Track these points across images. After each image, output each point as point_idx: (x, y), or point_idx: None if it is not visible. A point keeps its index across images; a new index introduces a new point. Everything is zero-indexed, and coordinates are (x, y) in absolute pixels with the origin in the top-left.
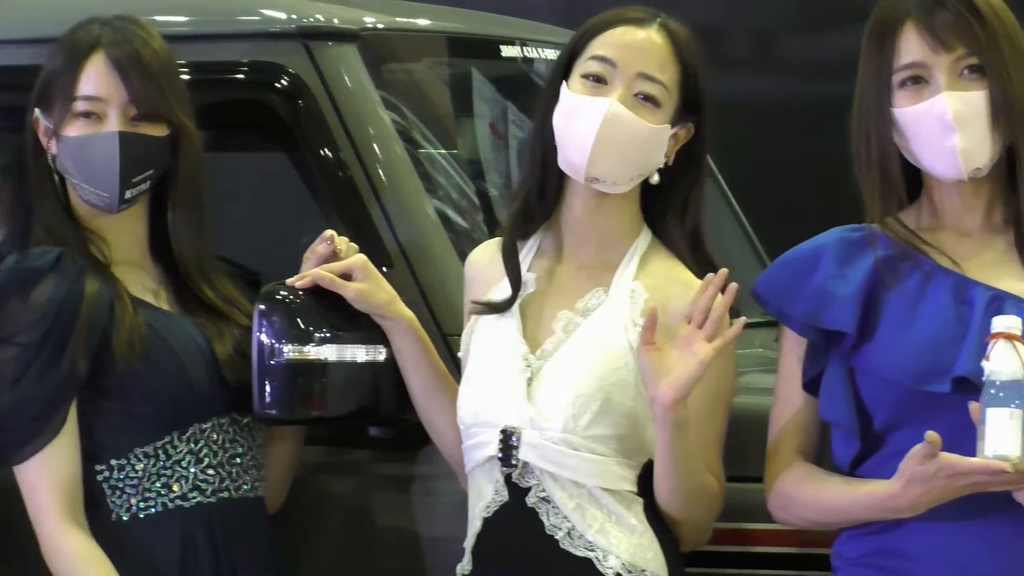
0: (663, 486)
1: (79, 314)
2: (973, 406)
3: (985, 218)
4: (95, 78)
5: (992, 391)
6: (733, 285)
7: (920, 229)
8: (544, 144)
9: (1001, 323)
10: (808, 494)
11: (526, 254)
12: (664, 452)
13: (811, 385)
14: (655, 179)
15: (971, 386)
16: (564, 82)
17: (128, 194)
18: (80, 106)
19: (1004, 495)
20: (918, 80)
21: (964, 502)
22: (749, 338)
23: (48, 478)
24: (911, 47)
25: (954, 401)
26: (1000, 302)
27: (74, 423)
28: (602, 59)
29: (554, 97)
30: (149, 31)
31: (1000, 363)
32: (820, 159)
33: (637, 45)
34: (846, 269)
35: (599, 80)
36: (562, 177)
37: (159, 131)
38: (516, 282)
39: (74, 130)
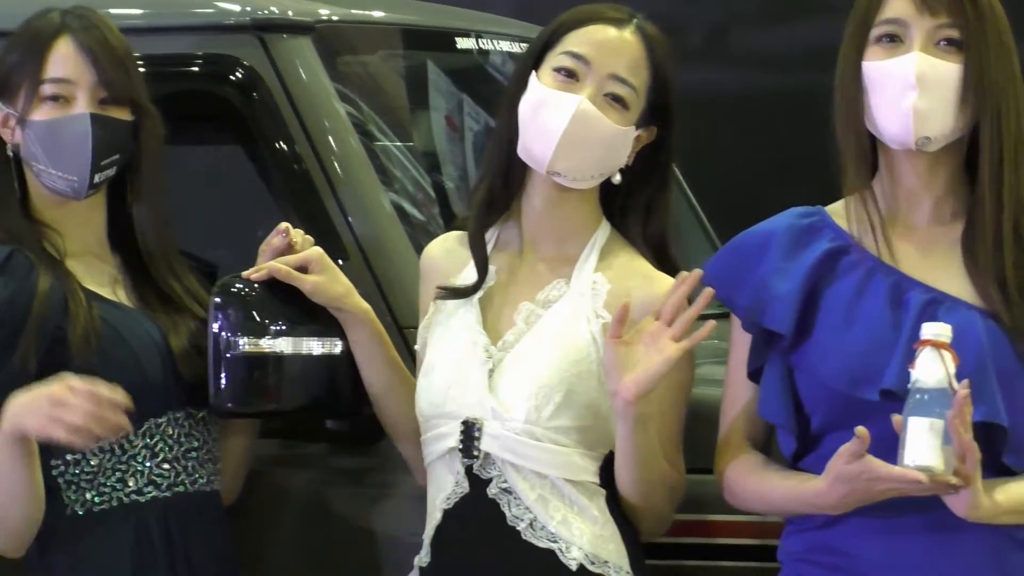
0: (624, 477)
1: (29, 314)
2: (896, 418)
3: (935, 208)
4: (63, 61)
5: (916, 399)
6: (708, 291)
7: (873, 215)
8: (511, 132)
9: (929, 330)
10: (751, 486)
11: (490, 239)
12: (625, 445)
13: (756, 375)
14: (617, 179)
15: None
16: (534, 72)
17: (97, 178)
18: (48, 89)
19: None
20: (894, 38)
21: (898, 500)
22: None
23: None
24: (898, 3)
25: (886, 408)
26: (936, 306)
27: None
28: (576, 56)
29: (523, 86)
30: (107, 19)
31: (925, 371)
32: (775, 150)
33: (612, 45)
34: (790, 262)
35: (571, 75)
36: (525, 167)
37: (125, 115)
38: (483, 267)
39: (42, 114)
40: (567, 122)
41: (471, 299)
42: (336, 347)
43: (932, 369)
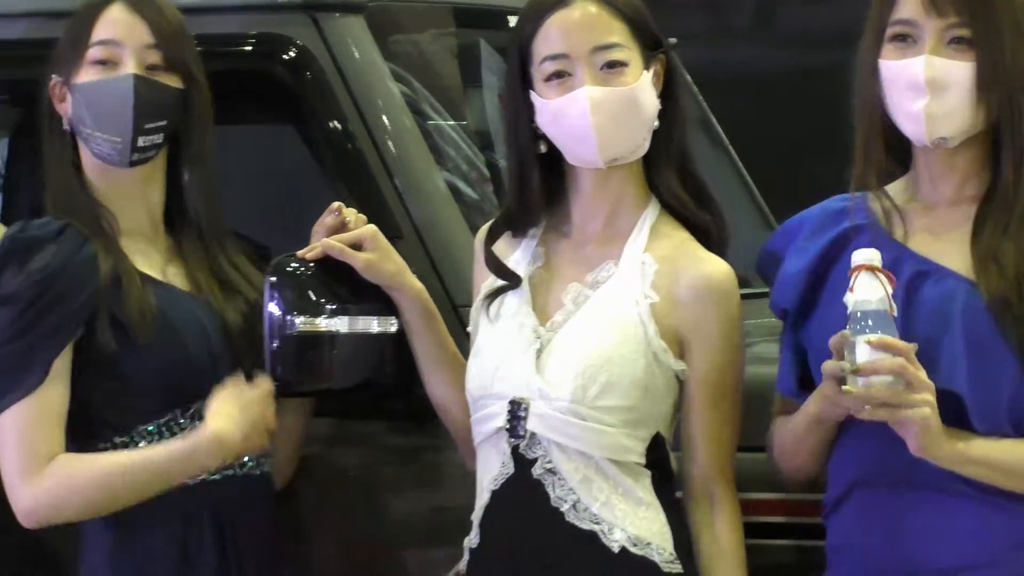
0: None
1: (76, 283)
2: (839, 335)
3: (956, 191)
4: (112, 23)
5: (859, 321)
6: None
7: (898, 198)
8: (522, 158)
9: (861, 256)
10: (783, 436)
11: (535, 231)
12: None
13: None
14: (656, 124)
15: None
16: (532, 92)
17: (141, 141)
18: (95, 52)
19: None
20: (906, 38)
21: (895, 474)
22: (760, 308)
23: (18, 433)
24: (908, 4)
25: None
26: (924, 277)
27: (59, 383)
28: (554, 57)
29: (529, 110)
30: None
31: (865, 293)
32: (822, 126)
33: (576, 25)
34: (810, 242)
35: (561, 76)
36: (552, 174)
37: (175, 82)
38: (507, 276)
39: (88, 76)
40: (589, 117)
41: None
42: (392, 326)
43: (871, 289)
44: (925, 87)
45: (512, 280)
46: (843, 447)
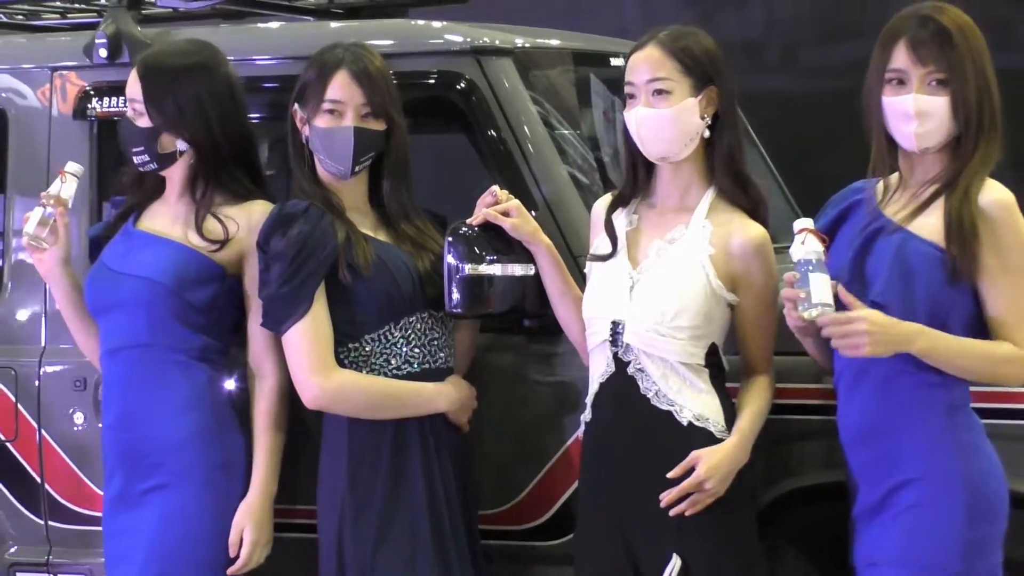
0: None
1: (321, 242)
2: (791, 275)
3: (924, 175)
4: (339, 87)
5: (811, 264)
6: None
7: (892, 181)
8: (629, 145)
9: (803, 223)
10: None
11: (634, 203)
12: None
13: None
14: (706, 134)
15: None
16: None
17: (356, 168)
18: (327, 106)
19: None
20: (901, 82)
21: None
22: (782, 258)
23: (301, 342)
24: (899, 58)
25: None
26: (879, 232)
27: (321, 306)
28: (628, 83)
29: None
30: (373, 52)
31: (813, 247)
32: (837, 137)
33: (641, 63)
34: (833, 207)
35: (632, 97)
36: (648, 165)
37: (380, 126)
38: (614, 242)
39: (322, 122)
40: (637, 128)
41: (620, 239)
42: (530, 270)
43: (812, 244)
44: (914, 116)
45: (614, 246)
46: (833, 350)
